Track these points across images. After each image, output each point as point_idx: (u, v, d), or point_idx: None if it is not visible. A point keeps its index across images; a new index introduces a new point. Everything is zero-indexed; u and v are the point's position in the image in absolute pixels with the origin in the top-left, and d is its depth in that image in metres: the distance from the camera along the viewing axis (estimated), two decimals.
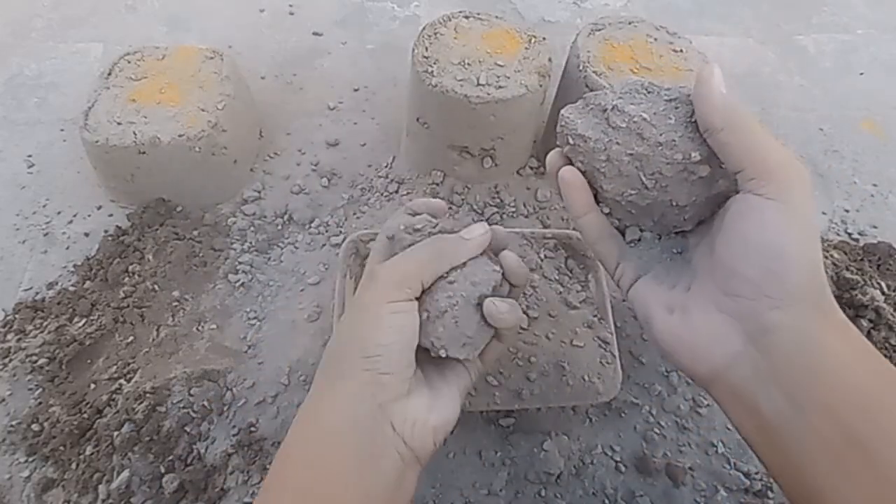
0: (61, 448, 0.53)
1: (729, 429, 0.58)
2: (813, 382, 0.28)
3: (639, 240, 0.37)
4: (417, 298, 0.36)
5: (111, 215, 0.71)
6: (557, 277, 0.63)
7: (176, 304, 0.63)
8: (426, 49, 0.68)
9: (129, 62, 0.72)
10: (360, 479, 0.32)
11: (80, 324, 0.61)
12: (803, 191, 0.29)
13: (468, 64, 0.67)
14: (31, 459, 0.53)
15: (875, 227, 0.77)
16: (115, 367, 0.58)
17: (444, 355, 0.36)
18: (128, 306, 0.62)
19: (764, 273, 0.29)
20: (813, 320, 0.29)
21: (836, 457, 0.27)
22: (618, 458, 0.56)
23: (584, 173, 0.36)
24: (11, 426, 0.55)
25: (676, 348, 0.32)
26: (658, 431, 0.57)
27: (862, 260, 0.71)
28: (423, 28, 0.71)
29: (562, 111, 0.38)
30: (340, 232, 0.71)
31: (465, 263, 0.37)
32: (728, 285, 0.30)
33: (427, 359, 0.38)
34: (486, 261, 0.39)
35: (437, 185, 0.74)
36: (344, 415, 0.33)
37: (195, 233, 0.68)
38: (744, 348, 0.30)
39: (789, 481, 0.29)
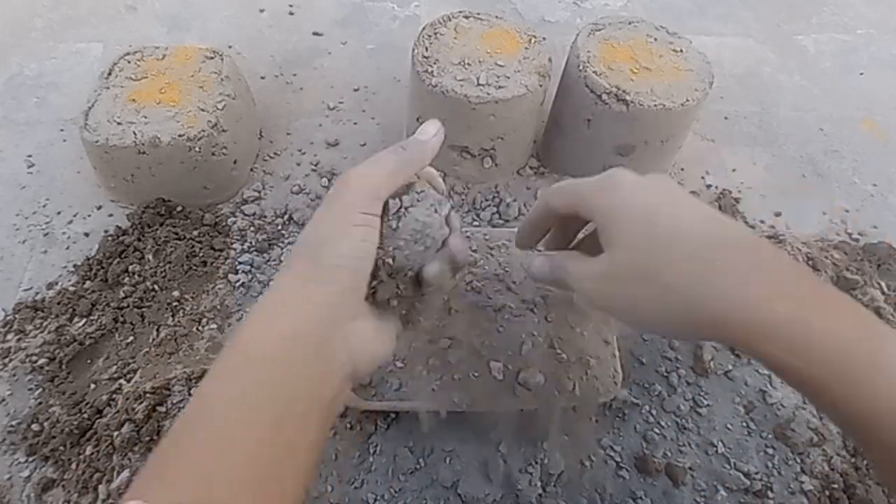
0: (61, 448, 0.53)
1: (729, 428, 0.57)
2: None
3: None
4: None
5: (111, 215, 0.71)
6: None
7: (176, 304, 0.63)
8: (426, 49, 0.68)
9: (129, 62, 0.72)
10: (310, 384, 0.32)
11: (80, 324, 0.61)
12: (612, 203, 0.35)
13: (468, 64, 0.67)
14: (31, 459, 0.53)
15: (875, 227, 0.77)
16: (115, 367, 0.58)
17: (409, 273, 0.37)
18: (128, 306, 0.62)
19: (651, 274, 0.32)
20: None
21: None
22: (618, 459, 0.56)
23: None
24: (11, 426, 0.55)
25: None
26: (658, 431, 0.57)
27: (862, 260, 0.71)
28: (423, 28, 0.71)
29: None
30: None
31: (419, 192, 0.38)
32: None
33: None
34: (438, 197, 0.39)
35: None
36: (305, 320, 0.32)
37: (195, 233, 0.68)
38: None
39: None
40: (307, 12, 1.00)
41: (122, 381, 0.57)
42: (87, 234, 0.69)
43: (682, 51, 0.71)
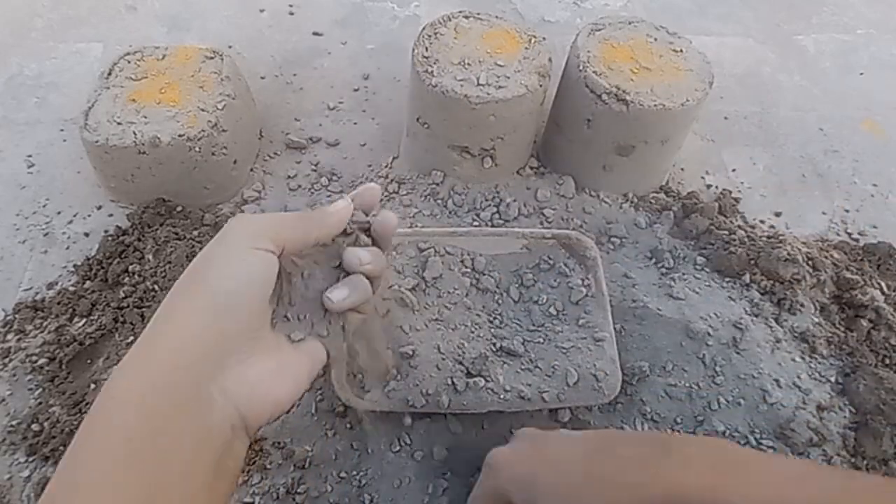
0: (61, 448, 0.53)
1: (729, 428, 0.58)
2: None
3: None
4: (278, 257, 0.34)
5: (111, 215, 0.71)
6: (557, 277, 0.63)
7: None
8: (426, 49, 0.68)
9: (129, 62, 0.72)
10: (185, 442, 0.28)
11: (80, 324, 0.61)
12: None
13: (468, 64, 0.67)
14: (31, 459, 0.53)
15: (875, 227, 0.77)
16: (115, 367, 0.58)
17: (294, 338, 0.35)
18: (128, 306, 0.62)
19: None
20: None
21: None
22: None
23: None
24: (11, 426, 0.55)
25: None
26: (658, 430, 0.57)
27: (862, 260, 0.71)
28: (423, 28, 0.71)
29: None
30: None
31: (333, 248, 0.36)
32: None
33: None
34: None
35: (437, 185, 0.74)
36: (180, 360, 0.29)
37: (195, 233, 0.68)
38: None
39: None
40: (307, 12, 1.00)
41: None
42: (87, 234, 0.69)
43: (682, 51, 0.71)
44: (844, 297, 0.65)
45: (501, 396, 0.54)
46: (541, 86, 0.67)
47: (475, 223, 0.72)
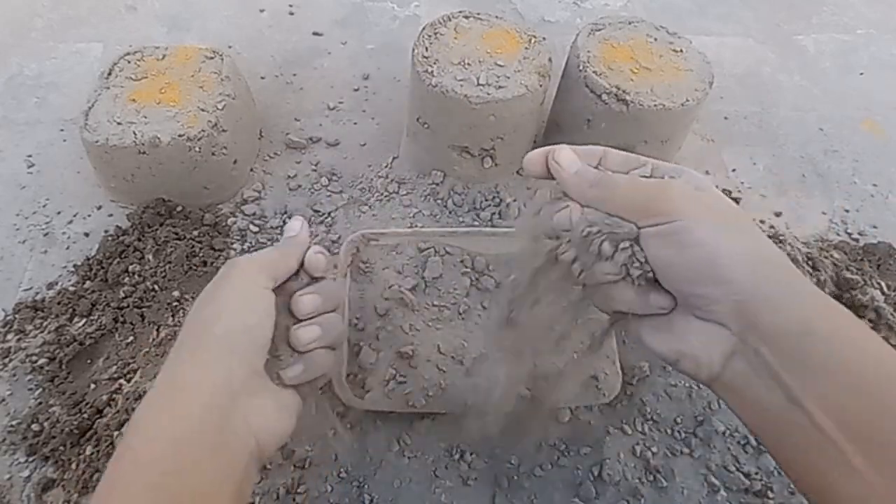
0: (61, 448, 0.53)
1: (729, 428, 0.58)
2: (802, 372, 0.28)
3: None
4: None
5: (111, 215, 0.71)
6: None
7: (176, 304, 0.63)
8: (426, 49, 0.68)
9: (129, 62, 0.72)
10: (212, 467, 0.31)
11: (80, 324, 0.61)
12: (688, 200, 0.31)
13: (468, 64, 0.67)
14: (31, 459, 0.53)
15: (875, 227, 0.77)
16: (115, 367, 0.58)
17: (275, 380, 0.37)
18: (128, 306, 0.62)
19: (708, 287, 0.30)
20: (788, 305, 0.29)
21: (838, 449, 0.27)
22: (619, 458, 0.56)
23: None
24: (11, 426, 0.55)
25: (677, 361, 0.33)
26: (658, 431, 0.57)
27: (862, 260, 0.71)
28: (423, 28, 0.71)
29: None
30: (340, 232, 0.71)
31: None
32: (688, 305, 0.32)
33: None
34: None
35: (437, 185, 0.74)
36: (201, 401, 0.31)
37: (195, 233, 0.68)
38: (733, 347, 0.30)
39: (798, 474, 0.29)
40: (307, 12, 1.00)
41: (122, 381, 0.57)
42: (87, 234, 0.69)
43: (682, 51, 0.71)
44: (844, 297, 0.65)
45: (501, 396, 0.53)
46: (541, 86, 0.67)
47: (475, 223, 0.72)
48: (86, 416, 0.55)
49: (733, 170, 0.82)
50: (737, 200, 0.78)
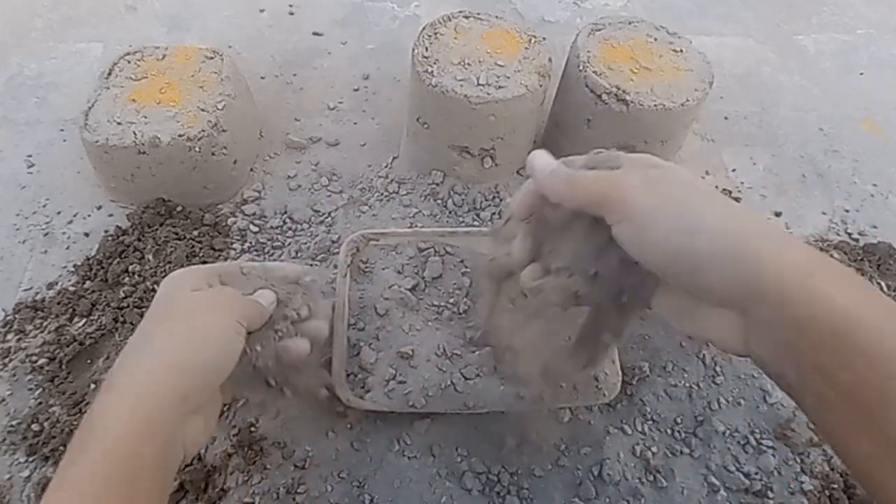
0: (61, 448, 0.53)
1: (729, 428, 0.58)
2: (802, 344, 0.28)
3: None
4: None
5: (111, 215, 0.71)
6: None
7: None
8: (426, 49, 0.68)
9: (129, 62, 0.72)
10: (157, 478, 0.34)
11: (80, 324, 0.61)
12: (637, 189, 0.32)
13: (468, 64, 0.67)
14: (31, 459, 0.53)
15: (875, 227, 0.77)
16: (110, 369, 0.58)
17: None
18: (128, 306, 0.62)
19: (685, 273, 0.31)
20: (783, 274, 0.29)
21: (839, 417, 0.27)
22: (619, 458, 0.56)
23: None
24: (11, 426, 0.55)
25: (708, 343, 0.34)
26: (658, 431, 0.57)
27: (862, 260, 0.71)
28: (423, 28, 0.71)
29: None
30: (340, 232, 0.71)
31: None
32: (685, 292, 0.33)
33: None
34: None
35: (437, 185, 0.74)
36: (161, 413, 0.34)
37: (195, 233, 0.68)
38: (744, 329, 0.31)
39: (831, 443, 0.30)
40: (307, 12, 1.00)
41: None
42: (87, 234, 0.69)
43: (682, 51, 0.71)
44: None
45: (501, 396, 0.54)
46: (541, 86, 0.67)
47: (475, 223, 0.72)
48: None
49: (733, 170, 0.82)
50: (737, 200, 0.78)
